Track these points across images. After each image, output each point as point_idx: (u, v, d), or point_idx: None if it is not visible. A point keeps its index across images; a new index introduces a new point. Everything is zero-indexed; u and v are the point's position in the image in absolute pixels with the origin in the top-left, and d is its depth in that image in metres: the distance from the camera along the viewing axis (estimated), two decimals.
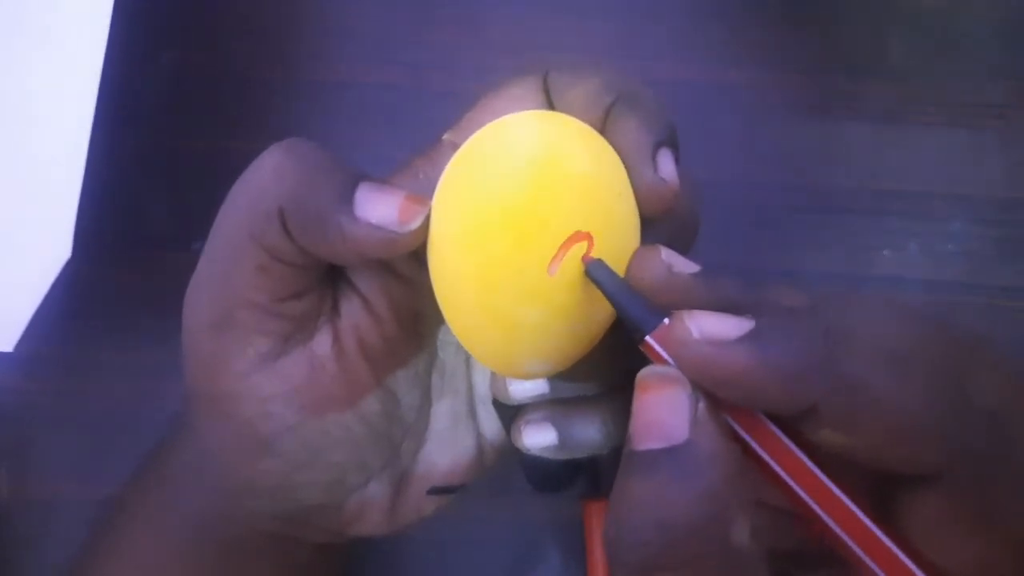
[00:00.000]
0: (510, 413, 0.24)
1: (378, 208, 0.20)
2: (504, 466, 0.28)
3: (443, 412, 0.26)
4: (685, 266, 0.20)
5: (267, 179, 0.20)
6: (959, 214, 0.37)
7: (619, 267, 0.20)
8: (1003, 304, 0.37)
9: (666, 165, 0.20)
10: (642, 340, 0.18)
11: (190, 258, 0.22)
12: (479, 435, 0.26)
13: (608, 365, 0.23)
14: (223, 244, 0.21)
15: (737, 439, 0.18)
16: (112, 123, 0.31)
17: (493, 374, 0.24)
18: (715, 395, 0.17)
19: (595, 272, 0.19)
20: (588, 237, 0.19)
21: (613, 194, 0.20)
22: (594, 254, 0.19)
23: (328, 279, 0.23)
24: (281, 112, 0.37)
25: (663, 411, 0.17)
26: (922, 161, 0.38)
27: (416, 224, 0.20)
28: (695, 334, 0.17)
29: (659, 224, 0.21)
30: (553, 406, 0.23)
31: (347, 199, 0.20)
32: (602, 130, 0.21)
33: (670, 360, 0.18)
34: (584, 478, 0.27)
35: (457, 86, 0.25)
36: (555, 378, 0.23)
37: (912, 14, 0.39)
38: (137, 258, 0.36)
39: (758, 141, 0.38)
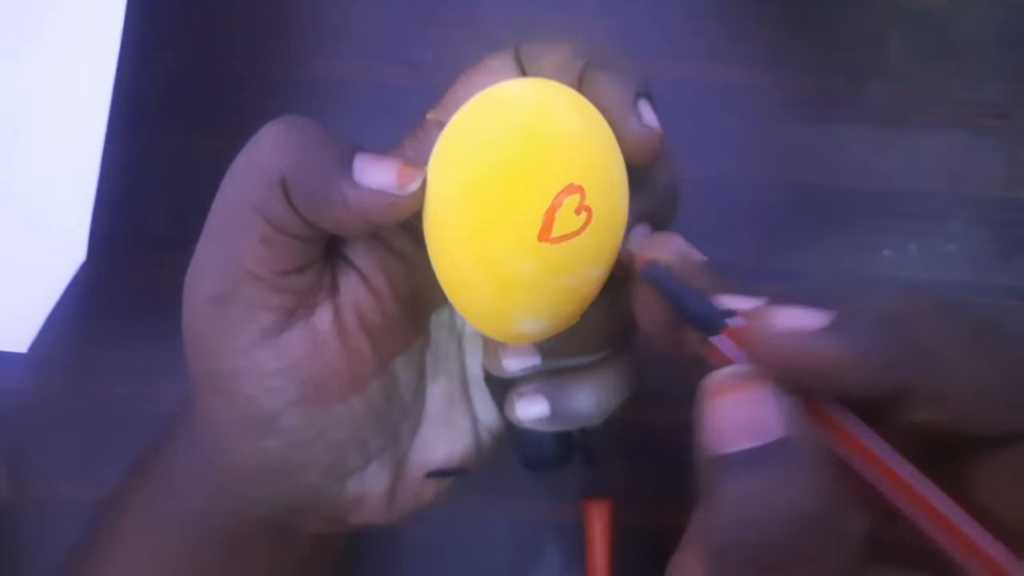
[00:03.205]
0: (502, 388, 0.25)
1: (377, 173, 0.20)
2: (504, 467, 0.28)
3: (438, 394, 0.26)
4: (695, 254, 0.20)
5: (268, 152, 0.21)
6: (959, 214, 0.37)
7: (609, 221, 0.21)
8: (1003, 304, 0.37)
9: (648, 113, 0.21)
10: (713, 337, 0.18)
11: (188, 258, 0.22)
12: (474, 418, 0.26)
13: (598, 336, 0.24)
14: (225, 218, 0.21)
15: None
16: (112, 123, 0.31)
17: (485, 348, 0.25)
18: (803, 387, 0.17)
19: (650, 275, 0.20)
20: (580, 190, 0.20)
21: (602, 150, 0.21)
22: (586, 206, 0.20)
23: (327, 256, 0.23)
24: (282, 111, 0.37)
25: (749, 409, 0.17)
26: (922, 161, 0.38)
27: (415, 186, 0.20)
28: (779, 327, 0.17)
29: (646, 188, 0.22)
30: (545, 377, 0.24)
31: (347, 167, 0.21)
32: (579, 92, 0.21)
33: (740, 358, 0.18)
34: (577, 456, 0.28)
35: None
36: (547, 352, 0.24)
37: (912, 14, 0.39)
38: (135, 258, 0.36)
39: (758, 141, 0.38)
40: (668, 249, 0.20)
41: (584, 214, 0.20)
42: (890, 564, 0.18)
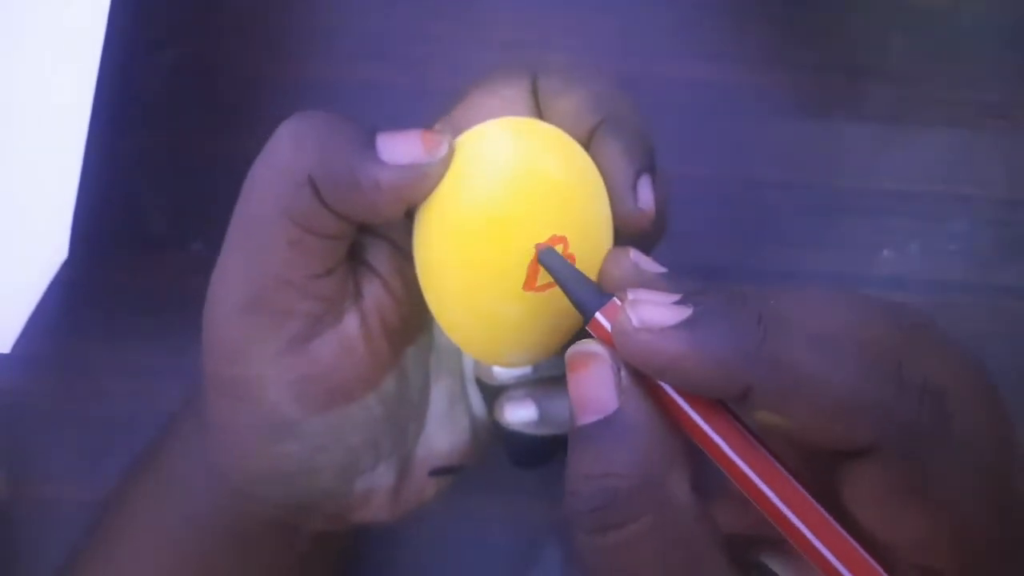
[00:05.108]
0: (493, 389, 0.25)
1: (401, 148, 0.21)
2: (503, 466, 0.28)
3: (440, 393, 0.26)
4: (651, 266, 0.20)
5: (290, 152, 0.21)
6: (959, 214, 0.37)
7: (593, 265, 0.21)
8: (1003, 304, 0.37)
9: (644, 195, 0.21)
10: (589, 320, 0.19)
11: (188, 258, 0.22)
12: (472, 415, 0.27)
13: None
14: (252, 224, 0.21)
15: (660, 400, 0.19)
16: (109, 122, 0.30)
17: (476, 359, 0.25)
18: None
19: (545, 259, 0.20)
20: (563, 240, 0.20)
21: (586, 198, 0.21)
22: (569, 254, 0.20)
23: (350, 262, 0.23)
24: (280, 110, 0.37)
25: (593, 386, 0.18)
26: (922, 161, 0.38)
27: (443, 151, 0.20)
28: (634, 322, 0.18)
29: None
30: (535, 384, 0.25)
31: (371, 148, 0.21)
32: (586, 146, 0.22)
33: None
34: (563, 454, 0.28)
35: (456, 83, 0.25)
36: (539, 368, 0.24)
37: (913, 14, 0.39)
38: (134, 258, 0.36)
39: (758, 141, 0.38)
40: (623, 261, 0.21)
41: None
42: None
